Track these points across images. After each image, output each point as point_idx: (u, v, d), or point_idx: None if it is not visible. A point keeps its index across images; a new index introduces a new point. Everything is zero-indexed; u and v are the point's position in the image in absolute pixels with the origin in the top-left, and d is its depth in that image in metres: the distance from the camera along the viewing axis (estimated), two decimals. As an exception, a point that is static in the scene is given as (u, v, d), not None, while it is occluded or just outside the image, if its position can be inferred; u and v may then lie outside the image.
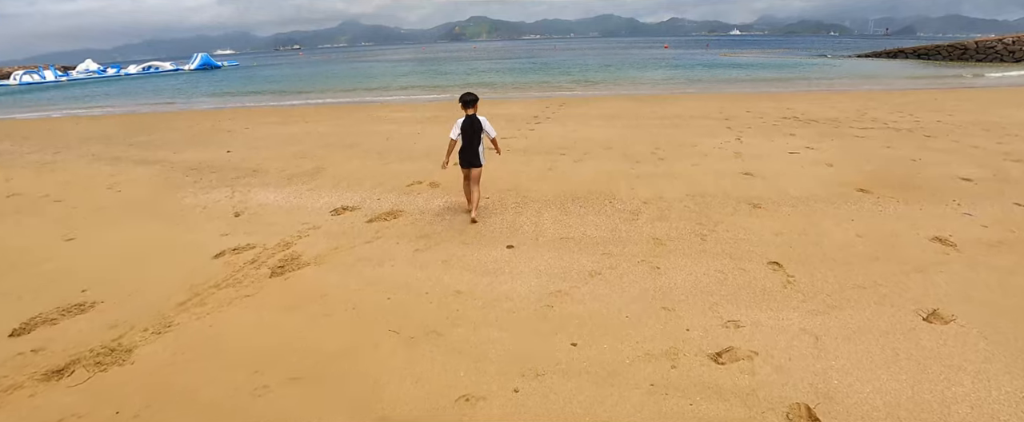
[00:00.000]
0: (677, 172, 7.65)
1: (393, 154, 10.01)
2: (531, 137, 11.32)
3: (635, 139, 10.69)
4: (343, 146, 11.26)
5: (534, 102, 19.90)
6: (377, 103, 22.79)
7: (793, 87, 25.23)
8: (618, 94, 22.64)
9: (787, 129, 11.97)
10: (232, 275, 4.43)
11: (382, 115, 17.27)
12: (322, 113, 19.00)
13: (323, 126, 15.01)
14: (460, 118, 5.62)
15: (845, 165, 8.17)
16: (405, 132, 12.94)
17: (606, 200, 6.27)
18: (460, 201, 6.44)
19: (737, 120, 13.46)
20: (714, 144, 10.05)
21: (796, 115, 14.28)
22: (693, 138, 10.77)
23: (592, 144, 10.21)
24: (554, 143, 10.45)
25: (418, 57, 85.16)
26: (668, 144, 10.07)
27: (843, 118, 13.67)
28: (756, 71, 36.20)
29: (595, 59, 56.77)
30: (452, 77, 36.96)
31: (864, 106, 16.27)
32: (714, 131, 11.73)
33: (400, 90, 29.33)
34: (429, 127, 13.67)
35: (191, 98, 31.23)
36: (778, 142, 10.29)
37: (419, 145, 10.86)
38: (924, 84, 25.26)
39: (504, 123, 13.83)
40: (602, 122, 13.43)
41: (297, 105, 23.95)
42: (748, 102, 17.76)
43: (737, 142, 10.27)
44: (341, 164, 9.30)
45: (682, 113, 15.04)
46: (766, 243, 4.82)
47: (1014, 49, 42.72)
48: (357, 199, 6.79)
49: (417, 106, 19.98)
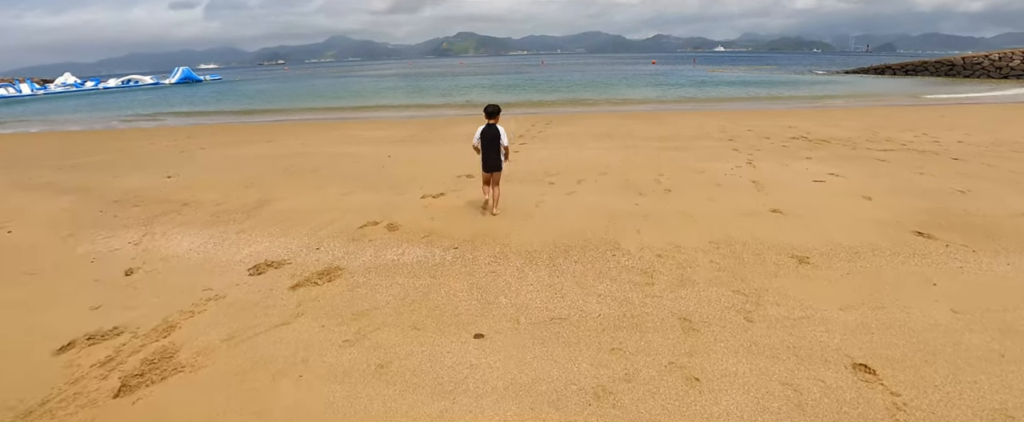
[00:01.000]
0: (691, 209, 6.29)
1: (356, 182, 8.56)
2: (516, 160, 9.95)
3: (634, 163, 9.37)
4: (302, 171, 9.80)
5: (520, 119, 18.59)
6: (353, 121, 21.35)
7: (790, 104, 24.30)
8: (609, 111, 21.46)
9: (800, 151, 10.75)
10: (61, 391, 2.95)
11: (356, 134, 15.84)
12: (292, 131, 17.52)
13: (289, 146, 13.54)
14: (482, 126, 6.20)
15: (884, 197, 6.89)
16: (375, 155, 11.51)
17: (608, 252, 4.88)
18: (414, 252, 5.04)
19: (742, 140, 12.23)
20: (725, 170, 8.75)
21: (803, 134, 13.12)
22: (699, 162, 9.48)
23: (585, 169, 8.86)
24: (542, 168, 9.08)
25: (403, 72, 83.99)
26: (672, 170, 8.75)
27: (855, 138, 12.52)
28: (748, 88, 35.44)
29: (583, 75, 55.99)
30: (433, 94, 35.68)
31: (871, 124, 15.20)
32: (720, 154, 10.46)
33: (378, 108, 27.94)
34: (403, 149, 12.26)
35: (162, 113, 29.57)
36: (795, 167, 9.03)
37: (387, 172, 9.43)
38: (923, 100, 24.45)
39: (486, 144, 12.51)
40: (595, 143, 12.12)
41: (269, 122, 22.43)
42: (747, 120, 16.62)
43: (750, 167, 8.98)
44: (291, 196, 7.83)
45: (680, 132, 13.80)
46: (837, 327, 3.46)
47: (1000, 65, 42.68)
48: (291, 248, 5.33)
49: (395, 124, 18.59)
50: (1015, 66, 41.51)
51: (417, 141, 13.57)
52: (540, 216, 6.12)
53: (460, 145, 12.60)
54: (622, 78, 47.85)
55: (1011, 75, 40.75)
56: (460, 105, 27.10)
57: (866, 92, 29.32)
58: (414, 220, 6.13)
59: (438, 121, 19.13)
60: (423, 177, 8.71)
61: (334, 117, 23.43)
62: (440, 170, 9.30)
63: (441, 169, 9.41)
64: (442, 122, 18.47)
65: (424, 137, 14.40)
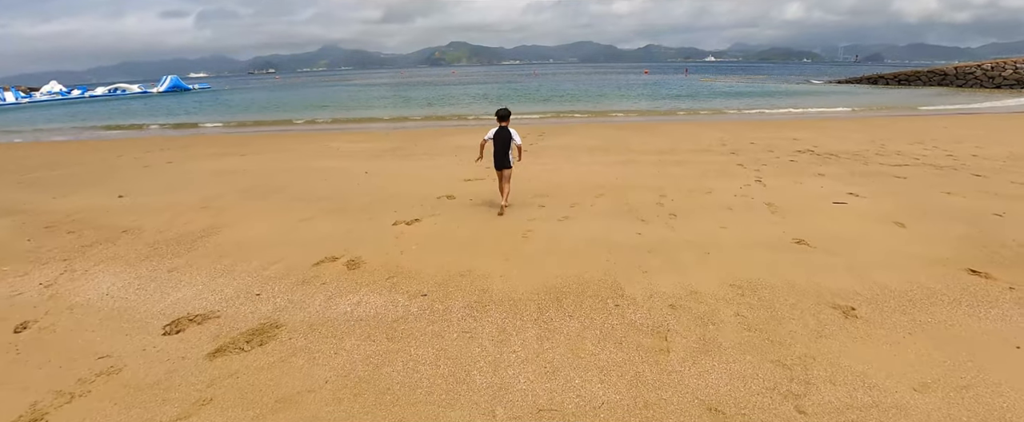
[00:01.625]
0: (702, 239, 5.44)
1: (323, 204, 7.65)
2: (503, 179, 9.11)
3: (633, 181, 8.53)
4: (266, 191, 8.87)
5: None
6: (337, 131, 20.44)
7: (788, 114, 23.68)
8: (603, 122, 20.71)
9: (809, 166, 9.99)
10: None
11: (336, 146, 14.93)
12: (270, 143, 16.58)
13: (260, 160, 12.60)
14: (494, 128, 6.56)
15: (917, 223, 6.08)
16: (352, 170, 10.61)
17: (610, 300, 4.01)
18: (374, 300, 4.13)
19: (745, 154, 11.46)
20: (733, 189, 7.93)
21: (809, 148, 12.38)
22: (704, 180, 8.66)
23: (580, 189, 8.01)
24: (531, 187, 8.22)
25: (394, 82, 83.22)
26: (676, 189, 7.92)
27: (863, 151, 11.80)
28: (744, 98, 34.94)
29: (575, 84, 55.47)
30: (420, 104, 34.82)
31: (875, 136, 14.51)
32: (726, 169, 9.66)
33: (364, 118, 27.06)
34: (383, 163, 11.36)
35: (143, 123, 28.56)
36: (809, 185, 8.24)
37: (362, 190, 8.53)
38: (923, 111, 23.92)
39: (472, 157, 11.63)
40: (589, 157, 11.29)
41: (249, 133, 21.47)
42: (748, 131, 15.90)
43: (760, 186, 8.17)
44: (245, 221, 6.91)
45: (678, 145, 13.02)
46: (916, 419, 2.60)
47: (993, 75, 42.60)
48: (225, 295, 4.41)
49: (379, 135, 17.69)
50: (1007, 76, 41.42)
51: (400, 154, 12.69)
52: (528, 250, 5.24)
53: (445, 159, 11.73)
54: (615, 88, 47.32)
55: (1003, 85, 40.66)
56: (447, 117, 26.26)
57: (864, 103, 28.83)
58: (380, 255, 5.23)
59: (425, 132, 18.27)
60: (399, 198, 7.82)
61: (318, 128, 22.52)
62: (419, 189, 8.41)
63: (421, 187, 8.52)
64: (429, 133, 17.60)
65: (408, 150, 13.53)
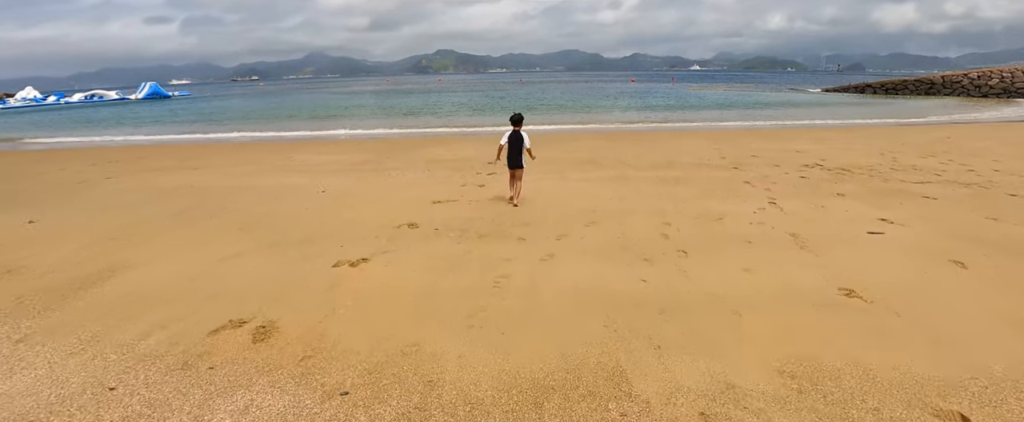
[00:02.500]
0: (728, 290, 4.23)
1: (258, 235, 6.33)
2: (476, 200, 7.83)
3: (629, 203, 7.33)
4: (200, 214, 7.52)
5: (492, 140, 16.50)
6: (309, 141, 19.05)
7: (784, 124, 22.73)
8: (592, 131, 19.57)
9: (824, 184, 8.89)
10: None
11: (301, 159, 13.59)
12: (230, 155, 15.17)
13: (212, 175, 11.23)
14: (508, 130, 7.33)
15: (981, 263, 4.94)
16: (308, 189, 9.31)
17: (613, 408, 2.77)
18: (272, 403, 2.86)
19: (750, 169, 10.35)
20: (746, 214, 6.77)
21: (817, 161, 11.32)
22: (711, 201, 7.49)
23: (568, 214, 6.78)
24: (509, 212, 6.97)
25: (378, 89, 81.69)
26: (681, 214, 6.73)
27: (877, 166, 10.76)
28: (736, 108, 34.15)
29: (562, 93, 54.50)
30: (399, 114, 33.47)
31: (882, 147, 13.54)
32: (732, 188, 8.51)
33: (337, 128, 25.70)
34: (347, 180, 10.06)
35: (108, 130, 26.95)
36: (833, 209, 7.11)
37: (311, 215, 7.22)
38: (922, 121, 23.17)
39: (446, 173, 10.37)
40: (578, 172, 10.09)
41: (213, 142, 19.98)
42: (746, 142, 14.85)
43: (776, 210, 7.02)
44: (157, 258, 5.56)
45: (675, 158, 11.89)
46: None
47: (979, 84, 42.51)
48: (66, 391, 3.09)
49: (353, 146, 16.35)
50: (994, 85, 41.30)
51: (368, 169, 11.39)
52: (498, 311, 3.97)
53: (417, 174, 10.46)
54: (603, 96, 46.42)
55: (990, 93, 40.54)
56: (426, 126, 24.98)
57: (859, 113, 28.13)
58: (303, 316, 3.94)
59: (401, 143, 16.97)
60: (352, 226, 6.52)
61: (288, 136, 21.10)
62: (379, 213, 7.12)
63: (381, 211, 7.24)
64: (405, 144, 16.31)
65: (378, 163, 12.23)
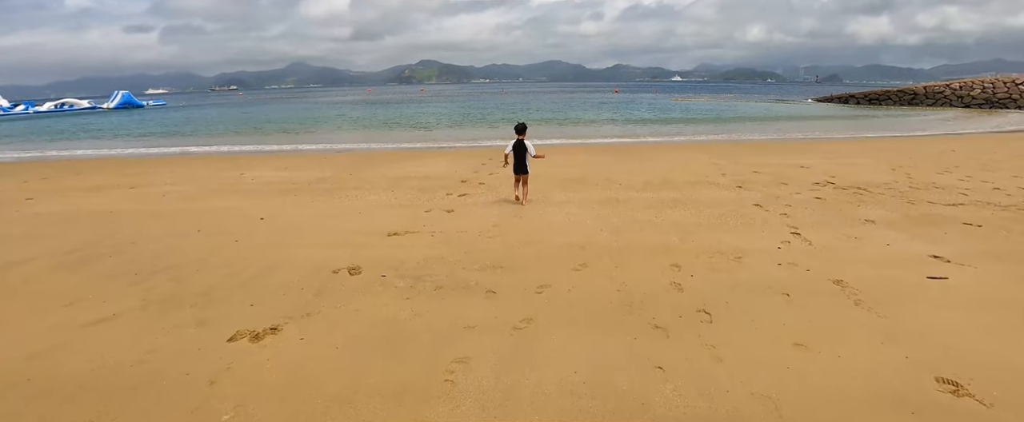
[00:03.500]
0: (780, 387, 2.91)
1: (154, 283, 4.88)
2: (441, 231, 6.44)
3: (626, 238, 6.00)
4: (94, 254, 6.01)
5: (468, 155, 15.17)
6: (269, 154, 17.49)
7: (777, 134, 21.78)
8: (577, 145, 18.33)
9: (846, 207, 7.72)
10: None
11: (253, 176, 12.10)
12: (176, 170, 13.60)
13: (140, 197, 9.71)
14: (512, 140, 7.87)
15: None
16: (247, 214, 7.86)
17: None
18: None
19: (756, 188, 9.16)
20: (769, 250, 5.50)
21: (827, 178, 10.20)
22: (723, 232, 6.21)
23: (552, 253, 5.43)
24: (480, 250, 5.60)
25: (358, 99, 79.93)
26: (691, 253, 5.42)
27: (893, 183, 9.67)
28: (723, 118, 33.34)
29: (546, 103, 53.44)
30: (375, 125, 31.95)
31: (890, 161, 12.50)
32: (744, 213, 7.27)
33: (305, 140, 24.19)
34: (294, 202, 8.62)
35: (63, 141, 25.10)
36: (870, 242, 5.89)
37: (231, 252, 5.77)
38: (919, 133, 22.42)
39: (412, 195, 8.95)
40: (565, 193, 8.78)
41: (164, 156, 18.30)
42: (743, 156, 13.73)
43: (804, 244, 5.77)
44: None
45: (672, 175, 10.66)
46: None
47: (962, 94, 42.59)
48: None
49: (314, 161, 14.85)
50: (976, 95, 41.37)
51: (323, 188, 9.95)
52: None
53: (378, 195, 9.05)
54: (588, 107, 45.46)
55: (972, 104, 40.56)
56: (401, 139, 23.55)
57: (851, 124, 27.39)
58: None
59: (370, 156, 15.52)
60: (277, 272, 5.09)
61: (250, 150, 19.50)
62: (317, 250, 5.71)
63: (320, 247, 5.82)
64: (374, 158, 14.87)
65: (338, 181, 10.80)
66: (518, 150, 7.76)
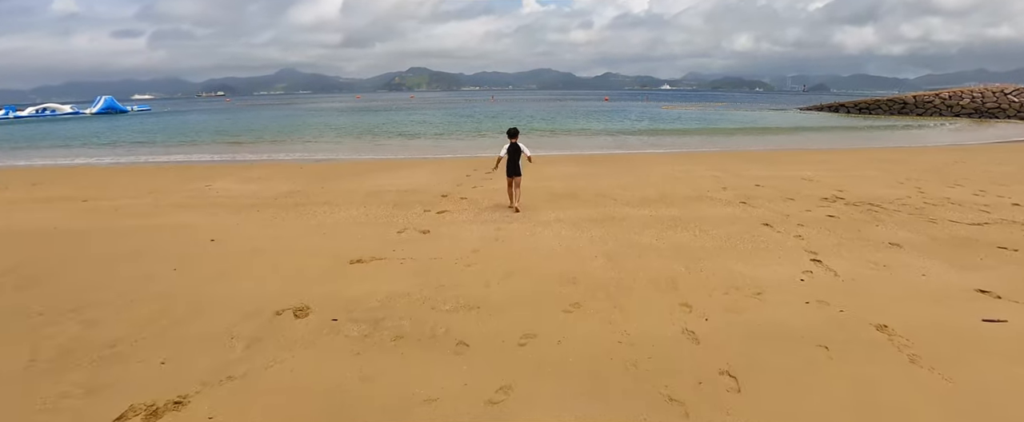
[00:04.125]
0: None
1: (56, 329, 3.99)
2: (413, 259, 5.59)
3: (625, 268, 5.20)
4: (2, 286, 5.12)
5: (452, 164, 14.35)
6: (238, 163, 16.53)
7: (772, 143, 21.17)
8: (567, 154, 17.58)
9: (864, 227, 7.00)
10: None
11: (220, 187, 11.20)
12: (137, 181, 12.64)
13: (88, 213, 8.77)
14: (507, 143, 7.97)
15: None
16: (197, 234, 6.97)
17: None
18: None
19: (762, 204, 8.44)
20: (794, 285, 4.73)
21: (835, 193, 9.53)
22: (736, 260, 5.44)
23: (536, 291, 4.60)
24: (452, 283, 4.76)
25: (345, 106, 78.88)
26: (702, 289, 4.63)
27: (907, 199, 9.00)
28: (717, 126, 32.85)
29: (535, 111, 52.81)
30: (357, 132, 31.00)
31: (897, 174, 11.86)
32: (755, 235, 6.51)
33: (284, 147, 23.25)
34: (254, 220, 7.74)
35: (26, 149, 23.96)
36: (902, 271, 5.15)
37: (162, 286, 4.89)
38: (918, 143, 21.97)
39: (386, 212, 8.09)
40: (553, 211, 7.98)
41: (130, 165, 17.26)
42: (742, 167, 13.04)
43: (830, 276, 5.02)
44: None
45: (670, 189, 9.93)
46: None
47: (951, 104, 42.61)
48: None
49: (285, 171, 13.93)
50: (965, 105, 41.40)
51: (290, 203, 9.07)
52: None
53: (348, 212, 8.18)
54: (578, 115, 44.87)
55: (961, 113, 40.54)
56: (382, 147, 22.67)
57: (847, 133, 26.92)
58: None
59: (346, 167, 14.64)
60: (208, 313, 4.22)
61: (222, 159, 18.53)
62: (262, 286, 4.83)
63: (267, 282, 4.95)
64: (349, 169, 13.99)
65: (306, 195, 9.93)
66: (513, 153, 7.94)
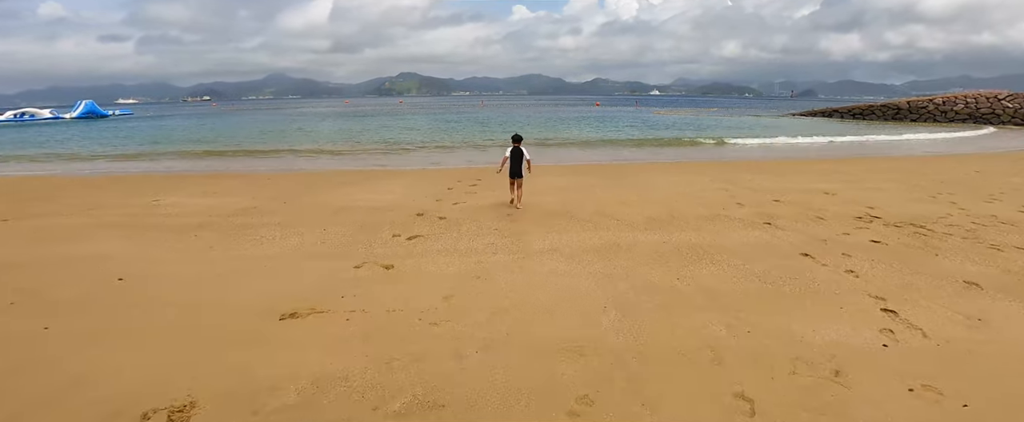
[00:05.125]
0: None
1: None
2: (363, 309, 4.24)
3: (642, 329, 3.90)
4: None
5: (433, 175, 13.00)
6: (201, 173, 15.02)
7: (777, 153, 20.02)
8: (560, 163, 16.29)
9: (923, 259, 5.79)
10: None
11: (170, 202, 9.78)
12: (80, 195, 11.13)
13: (8, 230, 7.35)
14: (510, 147, 8.59)
15: None
16: (104, 268, 5.59)
17: None
18: None
19: (791, 225, 7.20)
20: (880, 358, 3.47)
21: (867, 210, 8.39)
22: (789, 315, 4.16)
23: (523, 367, 3.29)
24: (408, 356, 3.43)
25: (332, 111, 77.09)
26: (752, 362, 3.35)
27: (947, 218, 7.88)
28: (712, 133, 31.80)
29: (525, 117, 51.61)
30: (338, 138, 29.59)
31: (922, 186, 10.75)
32: (796, 271, 5.25)
33: (255, 154, 21.79)
34: (190, 248, 6.35)
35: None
36: (1007, 328, 3.91)
37: (9, 361, 3.52)
38: (924, 151, 20.99)
39: (347, 237, 6.70)
40: (545, 236, 6.66)
41: (79, 175, 15.66)
42: (751, 179, 11.83)
43: (918, 337, 3.77)
44: None
45: (678, 205, 8.68)
46: None
47: (945, 109, 42.15)
48: None
49: (246, 183, 12.44)
50: (959, 110, 40.93)
51: (240, 224, 7.68)
52: None
53: (303, 239, 6.77)
54: (571, 120, 43.71)
55: (956, 119, 40.00)
56: (357, 156, 21.24)
57: (846, 141, 25.94)
58: None
59: (315, 178, 13.23)
60: (45, 415, 2.87)
61: (186, 166, 17.04)
62: (140, 371, 3.45)
63: (154, 356, 3.57)
64: (319, 180, 12.58)
65: (264, 213, 8.54)
66: (515, 156, 8.52)
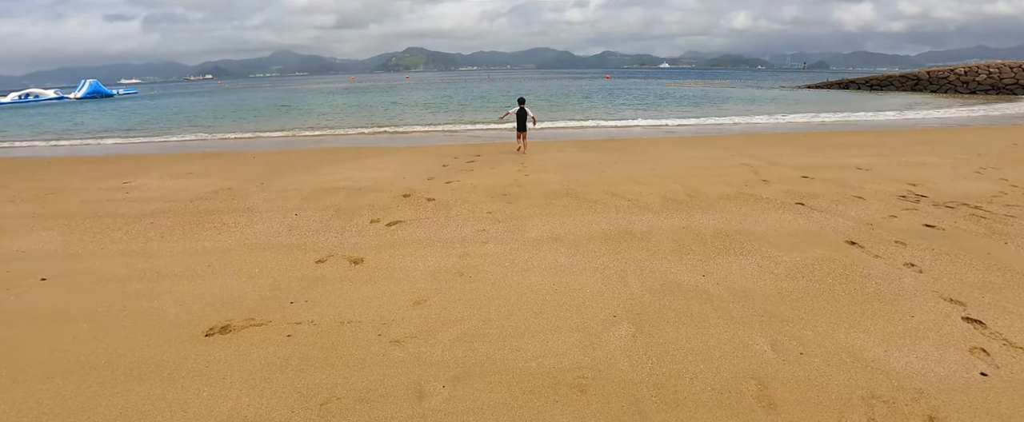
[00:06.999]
0: None
1: None
2: (311, 319, 3.39)
3: (663, 338, 3.04)
4: None
5: (429, 151, 12.05)
6: (180, 151, 14.16)
7: (797, 125, 18.72)
8: (567, 137, 15.24)
9: (991, 247, 4.88)
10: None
11: (139, 184, 9.01)
12: (43, 175, 10.43)
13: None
14: (516, 108, 10.65)
15: None
16: (32, 266, 4.80)
17: None
18: None
19: (828, 207, 6.26)
20: (980, 393, 2.56)
21: (910, 188, 7.39)
22: (846, 325, 3.26)
23: (515, 404, 2.46)
24: (355, 397, 2.59)
25: (337, 87, 75.61)
26: (803, 394, 2.47)
27: (1004, 196, 6.96)
28: (726, 104, 30.46)
29: (531, 90, 50.12)
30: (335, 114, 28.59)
31: (962, 159, 9.70)
32: (845, 265, 4.34)
33: (241, 137, 20.92)
34: (127, 240, 5.55)
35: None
36: None
37: None
38: (952, 121, 19.69)
39: (320, 223, 5.82)
40: (546, 221, 5.76)
41: (68, 154, 14.97)
42: (774, 153, 10.80)
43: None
44: None
45: (697, 182, 7.73)
46: None
47: (967, 80, 40.48)
48: None
49: (224, 162, 11.59)
50: (981, 81, 39.20)
51: (203, 210, 6.86)
52: None
53: (272, 226, 5.90)
54: (578, 94, 42.27)
55: (978, 90, 38.41)
56: (351, 129, 20.26)
57: (870, 111, 24.59)
58: None
59: (301, 155, 12.32)
60: None
61: (164, 144, 16.24)
62: (13, 405, 2.66)
63: (30, 392, 2.77)
64: (305, 158, 11.69)
65: (234, 195, 7.72)
66: (520, 116, 10.06)
